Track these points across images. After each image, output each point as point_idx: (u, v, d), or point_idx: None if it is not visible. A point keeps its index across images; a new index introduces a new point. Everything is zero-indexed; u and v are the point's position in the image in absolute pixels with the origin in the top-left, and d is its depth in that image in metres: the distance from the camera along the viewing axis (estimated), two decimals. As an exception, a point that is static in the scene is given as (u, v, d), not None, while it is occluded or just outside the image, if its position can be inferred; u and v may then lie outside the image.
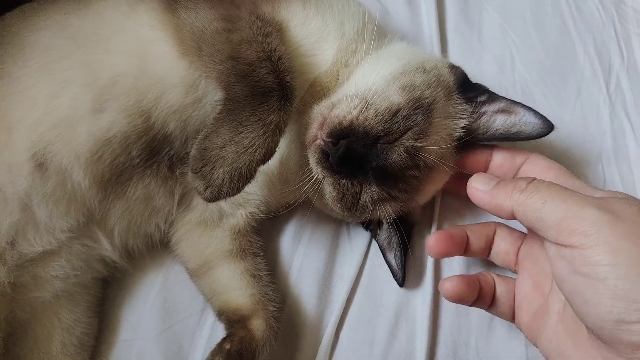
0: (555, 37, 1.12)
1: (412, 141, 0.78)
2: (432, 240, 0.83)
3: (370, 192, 0.80)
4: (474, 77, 0.90)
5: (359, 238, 0.98)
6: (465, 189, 0.91)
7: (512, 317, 0.81)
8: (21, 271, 0.82)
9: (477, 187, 0.74)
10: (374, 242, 0.97)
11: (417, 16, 1.15)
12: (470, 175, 0.84)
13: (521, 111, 0.83)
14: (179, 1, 0.82)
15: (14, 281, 0.81)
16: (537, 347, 0.76)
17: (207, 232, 0.93)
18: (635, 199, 0.64)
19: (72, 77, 0.80)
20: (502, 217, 0.71)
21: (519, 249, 0.83)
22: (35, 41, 0.83)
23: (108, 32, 0.84)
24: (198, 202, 0.92)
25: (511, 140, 0.84)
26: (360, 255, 0.96)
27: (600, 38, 1.11)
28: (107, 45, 0.83)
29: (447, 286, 0.80)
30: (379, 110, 0.78)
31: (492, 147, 0.87)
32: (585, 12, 1.14)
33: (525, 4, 1.16)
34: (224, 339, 0.82)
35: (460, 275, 0.82)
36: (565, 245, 0.62)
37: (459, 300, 0.81)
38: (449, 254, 0.85)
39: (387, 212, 0.83)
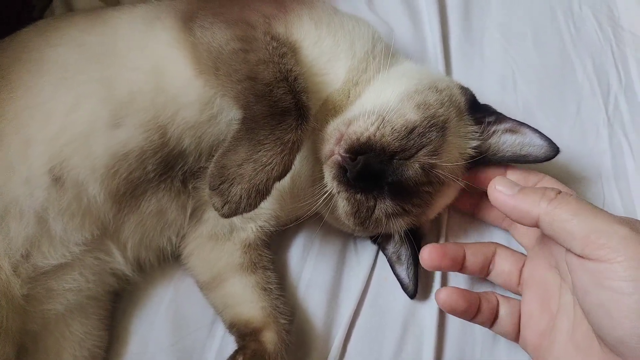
0: (555, 58, 1.15)
1: (427, 158, 0.80)
2: (426, 252, 0.84)
3: (384, 207, 0.82)
4: (477, 94, 0.93)
5: (366, 252, 1.00)
6: (466, 202, 0.94)
7: (515, 337, 0.83)
8: (35, 284, 0.83)
9: (502, 190, 0.73)
10: (380, 255, 0.99)
11: (421, 35, 1.18)
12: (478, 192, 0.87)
13: (528, 132, 0.86)
14: (195, 20, 0.84)
15: (27, 293, 0.82)
16: None
17: (218, 246, 0.95)
18: None
19: (89, 93, 0.82)
20: (523, 224, 0.71)
21: (521, 270, 0.85)
22: (52, 56, 0.85)
23: (125, 49, 0.85)
24: (209, 216, 0.94)
25: (520, 162, 0.87)
26: (367, 269, 0.98)
27: (598, 59, 1.14)
28: (124, 62, 0.84)
29: (441, 296, 0.83)
30: (396, 127, 0.80)
31: (506, 166, 0.89)
32: (583, 34, 1.17)
33: (526, 25, 1.19)
34: (236, 352, 0.83)
35: (457, 287, 0.84)
36: (591, 259, 0.63)
37: (452, 311, 0.83)
38: (442, 268, 0.86)
39: (399, 225, 0.84)
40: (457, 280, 0.97)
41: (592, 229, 0.63)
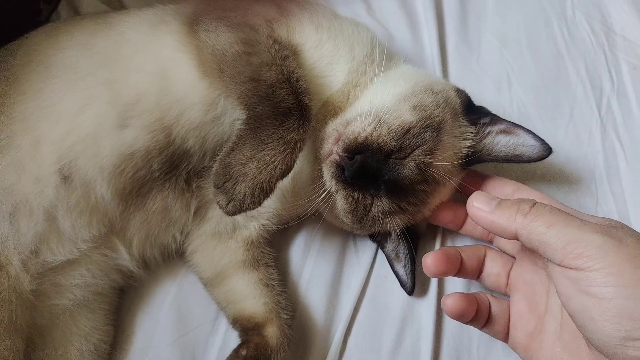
0: (550, 62, 1.18)
1: (422, 157, 0.83)
2: (430, 259, 0.84)
3: (381, 205, 0.85)
4: (474, 97, 0.95)
5: (366, 250, 1.02)
6: (459, 220, 0.94)
7: (505, 337, 0.84)
8: (43, 279, 0.85)
9: (479, 207, 0.74)
10: (379, 253, 1.01)
11: (419, 39, 1.21)
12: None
13: (521, 133, 0.88)
14: (200, 24, 0.86)
15: (35, 289, 0.84)
16: None
17: (222, 243, 0.97)
18: (630, 227, 0.68)
19: (96, 95, 0.84)
20: (504, 237, 0.72)
21: (509, 272, 0.86)
22: (60, 60, 0.87)
23: (131, 52, 0.88)
24: (213, 214, 0.96)
25: (513, 162, 0.89)
26: (367, 266, 1.00)
27: (591, 63, 1.17)
28: (130, 65, 0.86)
29: (449, 303, 0.82)
30: (392, 127, 0.82)
31: (485, 176, 0.92)
32: (577, 39, 1.20)
33: (521, 30, 1.22)
34: (239, 345, 0.85)
35: (461, 292, 0.84)
36: (570, 268, 0.64)
37: (459, 316, 0.83)
38: (446, 274, 0.86)
39: (396, 223, 0.87)
40: (453, 279, 0.99)
41: (568, 240, 0.65)
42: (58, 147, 0.82)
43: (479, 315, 0.83)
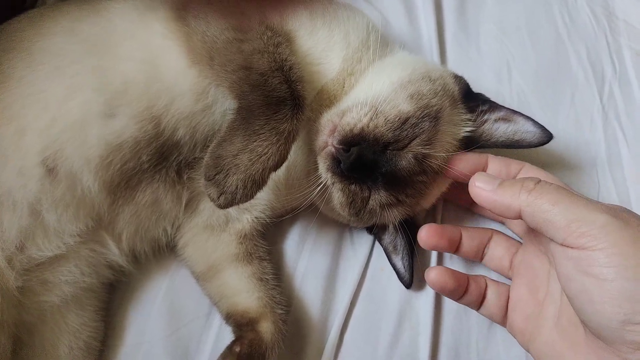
0: (550, 48, 1.16)
1: (420, 148, 0.80)
2: (424, 231, 0.85)
3: (378, 197, 0.83)
4: (473, 85, 0.93)
5: (362, 242, 1.00)
6: (463, 197, 0.94)
7: (502, 320, 0.84)
8: (30, 276, 0.82)
9: (482, 187, 0.73)
10: (376, 246, 0.99)
11: (416, 26, 1.18)
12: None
13: (521, 120, 0.86)
14: (189, 10, 0.84)
15: (22, 285, 0.81)
16: (529, 351, 0.78)
17: (214, 237, 0.95)
18: (636, 213, 0.67)
19: (83, 82, 0.81)
20: (507, 217, 0.71)
21: (513, 256, 0.86)
22: (46, 46, 0.84)
23: (119, 39, 0.85)
24: (204, 207, 0.94)
25: (513, 147, 0.87)
26: (363, 260, 0.98)
27: (593, 49, 1.15)
28: (118, 52, 0.84)
29: (431, 275, 0.84)
30: (389, 118, 0.80)
31: (487, 155, 0.89)
32: (578, 24, 1.17)
33: (521, 16, 1.19)
34: (233, 342, 0.83)
35: (447, 267, 0.85)
36: (573, 247, 0.63)
37: (441, 289, 0.84)
38: (438, 248, 0.87)
39: (394, 216, 0.85)
40: (453, 266, 0.97)
41: (573, 218, 0.64)
42: (42, 137, 0.79)
43: (471, 294, 0.84)
